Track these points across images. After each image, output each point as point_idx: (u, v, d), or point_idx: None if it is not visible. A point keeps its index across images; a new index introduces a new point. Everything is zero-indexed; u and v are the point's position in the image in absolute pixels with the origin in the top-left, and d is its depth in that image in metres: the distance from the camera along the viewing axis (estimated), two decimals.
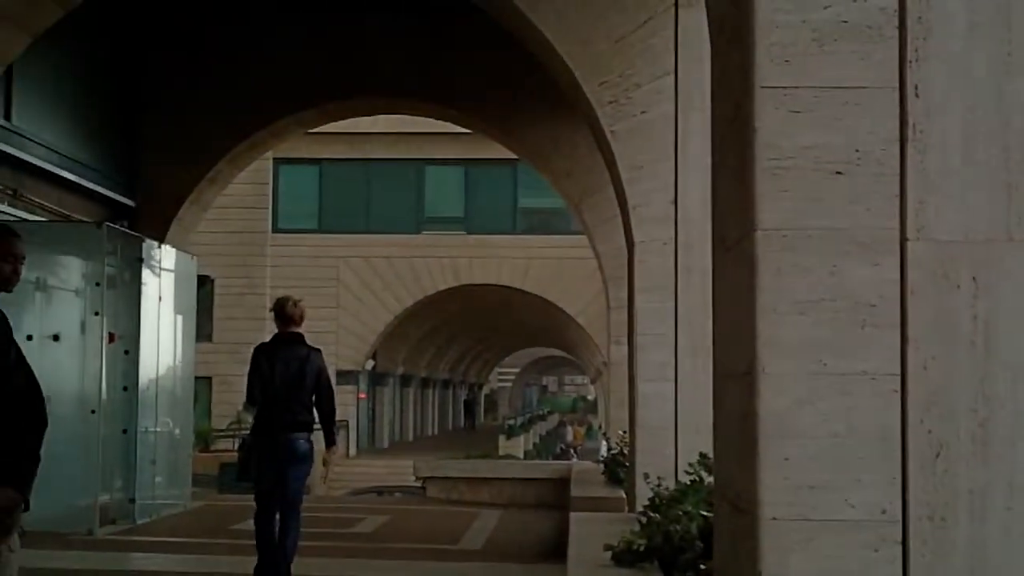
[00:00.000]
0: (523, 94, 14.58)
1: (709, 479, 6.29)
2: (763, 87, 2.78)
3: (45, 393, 11.13)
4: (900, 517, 2.74)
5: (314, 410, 8.25)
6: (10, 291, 4.57)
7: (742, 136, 2.88)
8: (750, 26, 2.80)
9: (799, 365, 2.76)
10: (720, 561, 3.35)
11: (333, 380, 31.75)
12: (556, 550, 9.78)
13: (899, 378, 2.75)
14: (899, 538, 2.74)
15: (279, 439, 8.04)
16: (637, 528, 6.40)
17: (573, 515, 8.88)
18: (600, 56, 8.67)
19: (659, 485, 7.15)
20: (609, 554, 6.15)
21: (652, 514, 6.40)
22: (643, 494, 7.60)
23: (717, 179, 3.34)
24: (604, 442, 24.96)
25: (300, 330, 8.23)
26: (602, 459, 15.86)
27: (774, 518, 2.74)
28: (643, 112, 8.64)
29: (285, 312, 8.31)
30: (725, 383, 3.21)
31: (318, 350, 8.27)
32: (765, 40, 2.79)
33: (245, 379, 8.55)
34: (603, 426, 34.88)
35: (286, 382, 8.03)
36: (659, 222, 8.57)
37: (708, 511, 5.70)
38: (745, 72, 2.84)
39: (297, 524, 8.00)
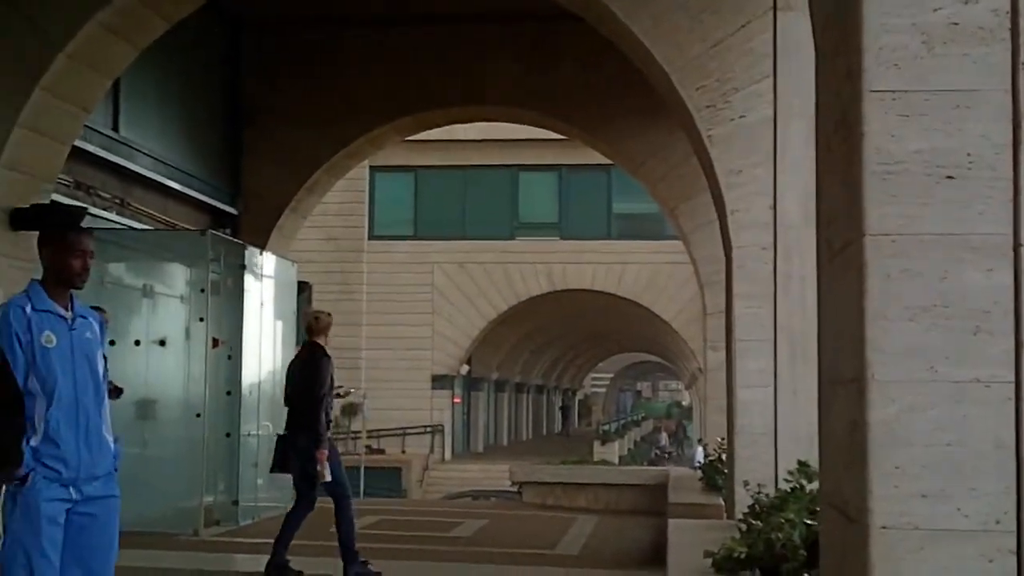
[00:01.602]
0: (619, 100, 14.55)
1: (810, 487, 6.21)
2: (872, 91, 2.75)
3: (152, 397, 11.48)
4: (1015, 528, 2.68)
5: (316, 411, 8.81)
6: (80, 287, 4.61)
7: (850, 141, 2.85)
8: (857, 30, 2.77)
9: (909, 372, 2.72)
10: (828, 570, 3.31)
11: (426, 385, 32.03)
12: (653, 557, 9.73)
13: (1013, 386, 2.70)
14: (1014, 548, 2.68)
15: (288, 438, 8.96)
16: (737, 535, 6.34)
17: (671, 521, 8.83)
18: (697, 60, 8.63)
19: (759, 492, 7.07)
20: (709, 561, 6.10)
21: (753, 521, 6.33)
22: (742, 501, 7.53)
23: (822, 184, 3.31)
24: (700, 448, 24.79)
25: (320, 340, 9.01)
26: (699, 465, 15.76)
27: (884, 527, 2.70)
28: (741, 116, 8.57)
29: (306, 325, 9.23)
30: (832, 390, 3.17)
31: (317, 357, 8.95)
32: (874, 44, 2.75)
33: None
34: (699, 432, 34.61)
35: (292, 387, 9.05)
36: (758, 227, 8.48)
37: (811, 519, 5.63)
38: (852, 77, 2.81)
39: (341, 513, 8.88)
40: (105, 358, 4.77)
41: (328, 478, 8.82)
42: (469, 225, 35.78)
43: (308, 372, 8.84)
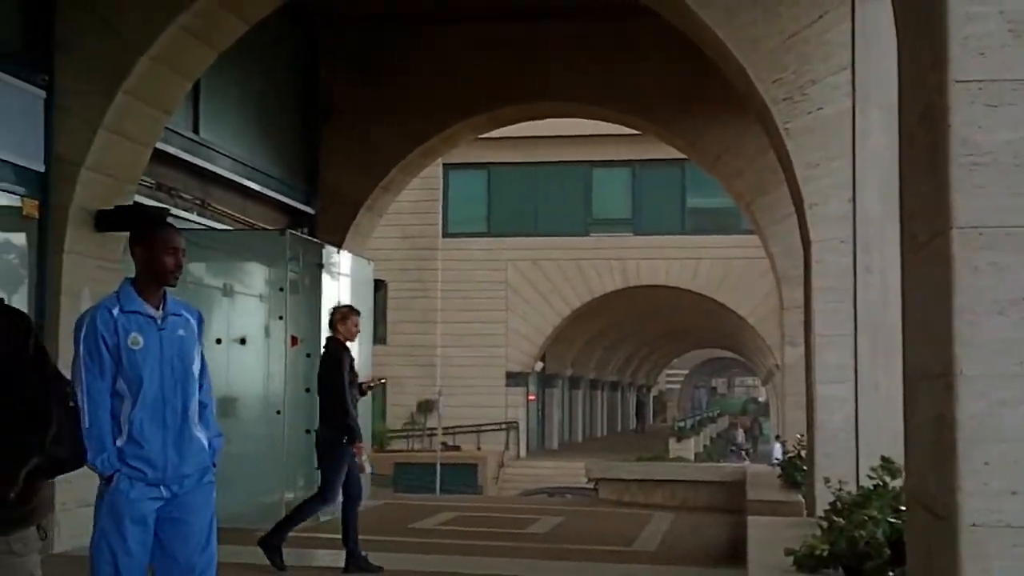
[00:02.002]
0: (694, 94, 14.45)
1: (893, 483, 6.12)
2: (957, 81, 2.70)
3: (233, 394, 11.63)
4: None
5: (335, 403, 9.02)
6: (173, 284, 4.66)
7: (935, 132, 2.80)
8: (942, 19, 2.73)
9: (999, 366, 2.67)
10: (915, 568, 3.26)
11: (501, 382, 32.22)
12: (732, 554, 9.66)
13: None
14: None
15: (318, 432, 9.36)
16: (818, 533, 6.27)
17: (750, 518, 8.75)
18: (773, 53, 8.54)
19: (840, 489, 6.98)
20: (791, 559, 6.04)
21: (835, 519, 6.25)
22: (823, 498, 7.44)
23: (906, 176, 3.26)
24: (778, 445, 24.51)
25: (338, 333, 9.09)
26: (776, 462, 15.61)
27: (974, 524, 2.66)
28: (819, 109, 8.47)
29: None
30: (917, 385, 3.13)
31: (332, 349, 9.13)
32: (959, 33, 2.70)
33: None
34: (776, 429, 34.26)
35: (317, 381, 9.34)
36: (836, 221, 8.37)
37: (895, 517, 5.55)
38: (937, 67, 2.76)
39: (316, 497, 9.17)
40: (202, 354, 4.80)
41: (368, 470, 8.98)
42: (542, 222, 35.79)
43: (324, 365, 9.07)
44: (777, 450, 23.38)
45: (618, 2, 12.41)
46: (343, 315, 9.08)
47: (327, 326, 9.21)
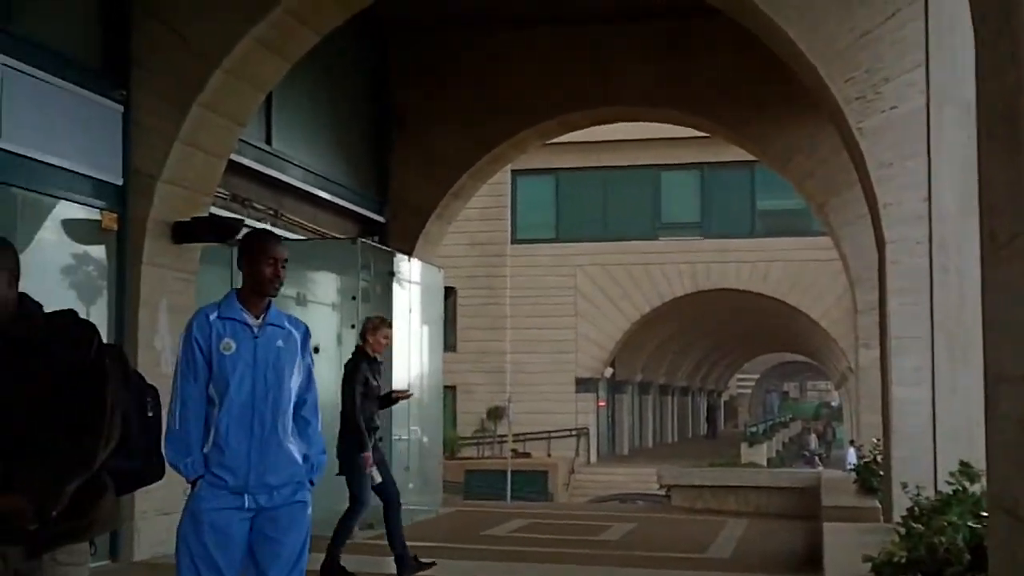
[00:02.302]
0: (763, 95, 14.33)
1: (973, 488, 6.02)
2: None
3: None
4: None
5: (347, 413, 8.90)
6: (272, 294, 4.68)
7: (1015, 129, 2.75)
8: (1021, 13, 2.68)
9: None
10: (997, 574, 3.20)
11: (571, 388, 32.07)
12: (807, 561, 9.55)
13: None
14: None
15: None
16: (896, 539, 6.18)
17: (826, 525, 8.66)
18: (846, 52, 8.45)
19: (918, 495, 6.88)
20: (868, 565, 5.96)
21: (913, 525, 6.16)
22: (900, 504, 7.34)
23: (985, 174, 3.21)
24: (852, 450, 24.18)
25: (366, 346, 8.96)
26: (851, 467, 15.40)
27: None
28: (892, 107, 8.36)
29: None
30: (998, 387, 3.07)
31: (354, 359, 8.99)
32: None
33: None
34: (850, 433, 33.80)
35: None
36: (912, 221, 8.26)
37: (975, 522, 5.46)
38: (1017, 62, 2.72)
39: (349, 509, 9.12)
40: (309, 369, 4.76)
41: (378, 479, 8.96)
42: (611, 226, 35.71)
43: (344, 375, 9.00)
44: (851, 455, 23.06)
45: (686, 3, 12.33)
46: (375, 326, 9.01)
47: (358, 335, 9.15)
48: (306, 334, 4.78)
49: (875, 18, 8.43)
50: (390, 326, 9.34)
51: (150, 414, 3.89)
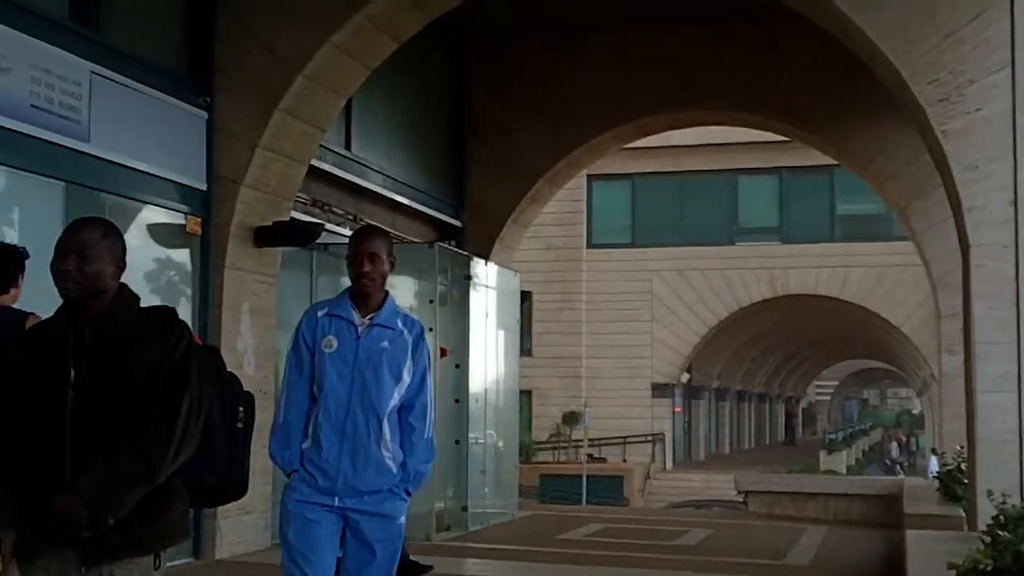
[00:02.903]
0: (844, 98, 14.17)
1: None
2: None
3: None
4: None
5: None
6: (364, 290, 4.49)
7: None
8: None
9: None
10: None
11: (647, 393, 31.61)
12: (888, 569, 9.42)
13: None
14: None
15: None
16: (980, 547, 6.07)
17: (909, 532, 8.52)
18: (929, 54, 8.32)
19: (1003, 502, 6.74)
20: (953, 573, 5.86)
21: (999, 533, 6.04)
22: (985, 512, 7.19)
23: None
24: (934, 458, 23.78)
25: None
26: (933, 476, 15.15)
27: None
28: (977, 109, 8.21)
29: None
30: None
31: None
32: None
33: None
34: (932, 441, 33.24)
35: None
36: (998, 224, 8.10)
37: None
38: None
39: None
40: (422, 372, 4.57)
41: None
42: (688, 231, 35.50)
43: None
44: (933, 463, 22.69)
45: (764, 6, 12.23)
46: None
47: None
48: (420, 335, 4.60)
49: (959, 19, 8.29)
50: None
51: (239, 425, 3.68)
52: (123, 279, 3.57)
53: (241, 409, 3.69)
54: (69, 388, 3.29)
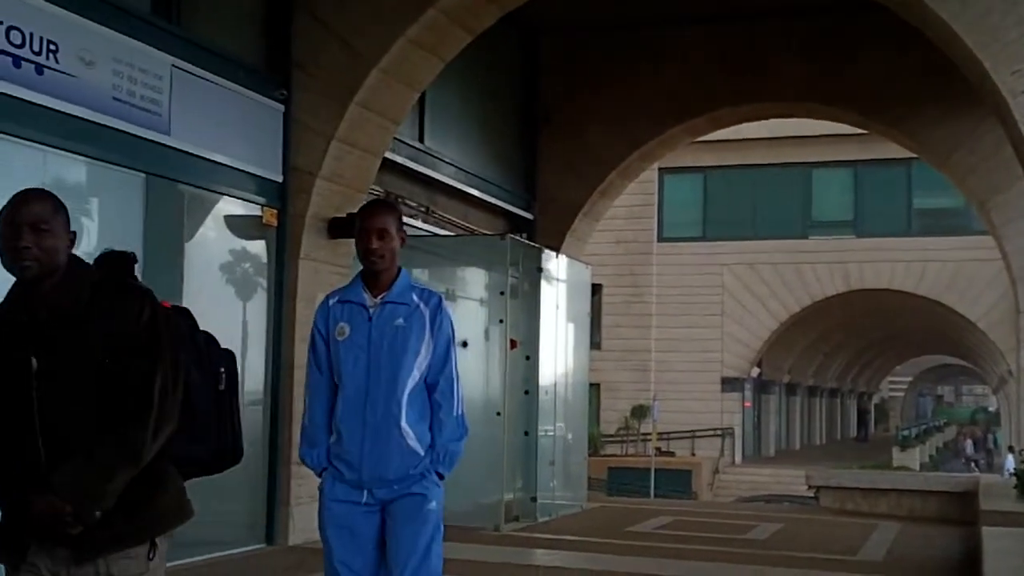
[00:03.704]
0: (922, 90, 13.97)
1: None
2: None
3: None
4: None
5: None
6: (375, 267, 4.21)
7: None
8: None
9: None
10: None
11: (716, 387, 31.45)
12: (964, 566, 9.29)
13: None
14: None
15: None
16: None
17: (985, 529, 8.40)
18: (1012, 44, 8.18)
19: None
20: None
21: None
22: None
23: None
24: (1011, 456, 23.38)
25: None
26: (1011, 472, 14.91)
27: None
28: None
29: None
30: None
31: None
32: None
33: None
34: (1009, 439, 32.64)
35: None
36: None
37: None
38: None
39: None
40: (446, 345, 4.27)
41: None
42: (760, 225, 35.21)
43: None
44: (1010, 461, 22.32)
45: None
46: None
47: None
48: (439, 307, 4.27)
49: None
50: None
51: (221, 388, 3.36)
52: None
53: (222, 370, 3.39)
54: (32, 379, 3.03)
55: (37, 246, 3.06)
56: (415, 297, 4.26)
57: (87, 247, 8.36)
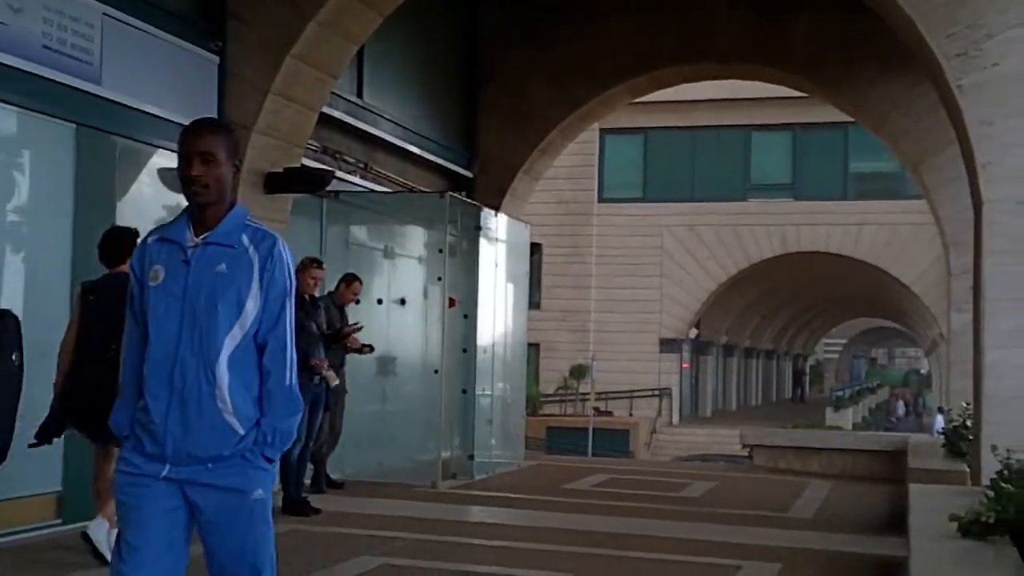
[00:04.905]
0: (860, 53, 14.07)
1: None
2: None
3: (392, 354, 12.02)
4: None
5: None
6: (198, 201, 3.51)
7: None
8: None
9: None
10: None
11: (655, 348, 31.88)
12: (892, 522, 9.48)
13: None
14: None
15: None
16: (984, 501, 6.10)
17: (913, 486, 8.55)
18: (946, 7, 8.24)
19: (1008, 458, 6.78)
20: (955, 525, 5.90)
21: (1003, 486, 6.08)
22: (989, 467, 7.22)
23: None
24: (940, 417, 23.85)
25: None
26: (939, 434, 15.21)
27: None
28: (994, 64, 8.13)
29: None
30: None
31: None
32: None
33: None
34: (939, 400, 33.30)
35: None
36: (1012, 180, 8.05)
37: None
38: None
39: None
40: (279, 299, 3.51)
41: (335, 382, 9.67)
42: (699, 187, 35.42)
43: None
44: (939, 421, 22.75)
45: None
46: (303, 266, 9.32)
47: None
48: (272, 251, 3.51)
49: None
50: (320, 266, 9.62)
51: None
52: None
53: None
54: None
55: None
56: (245, 239, 3.50)
57: (17, 201, 8.21)
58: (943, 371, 30.09)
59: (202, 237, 3.48)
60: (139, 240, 3.80)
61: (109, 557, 6.63)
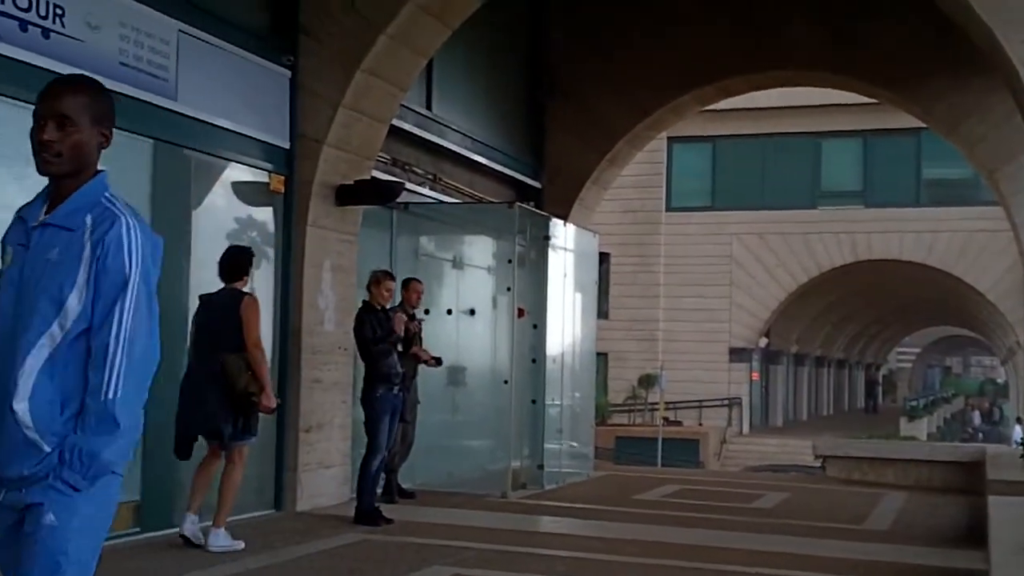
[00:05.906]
0: (932, 60, 13.87)
1: None
2: None
3: (462, 364, 12.29)
4: None
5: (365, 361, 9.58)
6: (46, 172, 2.95)
7: None
8: None
9: None
10: None
11: (724, 357, 31.72)
12: (970, 534, 9.30)
13: None
14: None
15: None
16: None
17: (991, 499, 8.41)
18: (1022, 12, 8.10)
19: None
20: None
21: None
22: None
23: None
24: (1019, 427, 23.41)
25: (371, 299, 9.61)
26: (1018, 443, 14.92)
27: None
28: None
29: None
30: None
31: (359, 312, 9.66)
32: None
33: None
34: (1017, 410, 32.65)
35: None
36: None
37: None
38: None
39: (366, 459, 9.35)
40: (110, 294, 2.84)
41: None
42: (769, 195, 35.12)
43: (353, 329, 9.65)
44: (1018, 432, 22.34)
45: None
46: (377, 280, 9.53)
47: (367, 289, 9.69)
48: (107, 233, 2.86)
49: None
50: (391, 278, 9.72)
51: None
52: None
53: None
54: None
55: None
56: (89, 220, 2.89)
57: None
58: (1020, 380, 29.48)
59: (49, 214, 2.93)
60: None
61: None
